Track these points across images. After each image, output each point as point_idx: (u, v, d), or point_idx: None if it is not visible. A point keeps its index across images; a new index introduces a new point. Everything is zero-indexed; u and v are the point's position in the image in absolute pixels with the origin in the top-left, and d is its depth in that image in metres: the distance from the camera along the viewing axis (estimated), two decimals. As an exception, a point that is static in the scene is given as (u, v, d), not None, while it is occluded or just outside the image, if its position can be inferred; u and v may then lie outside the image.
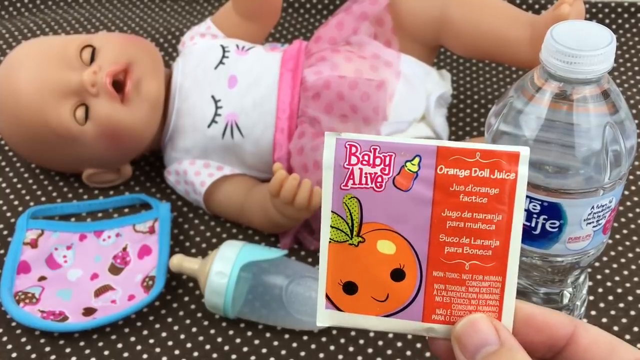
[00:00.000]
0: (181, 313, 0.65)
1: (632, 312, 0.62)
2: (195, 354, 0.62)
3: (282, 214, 0.66)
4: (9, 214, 0.75)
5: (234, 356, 0.61)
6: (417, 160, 0.31)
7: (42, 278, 0.68)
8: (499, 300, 0.31)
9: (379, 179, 0.32)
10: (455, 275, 0.31)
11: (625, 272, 0.66)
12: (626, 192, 0.74)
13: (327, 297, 0.33)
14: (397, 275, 0.32)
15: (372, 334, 0.62)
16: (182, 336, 0.63)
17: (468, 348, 0.29)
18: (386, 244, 0.32)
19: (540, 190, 0.48)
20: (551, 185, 0.48)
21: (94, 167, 0.76)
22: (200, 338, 0.63)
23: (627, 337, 0.60)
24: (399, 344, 0.61)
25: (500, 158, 0.31)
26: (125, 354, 0.62)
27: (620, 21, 0.96)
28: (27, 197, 0.77)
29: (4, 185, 0.79)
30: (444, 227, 0.31)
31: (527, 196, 0.49)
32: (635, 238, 0.69)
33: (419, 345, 0.61)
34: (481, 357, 0.28)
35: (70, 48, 0.72)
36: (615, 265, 0.67)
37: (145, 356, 0.62)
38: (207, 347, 0.62)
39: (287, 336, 0.62)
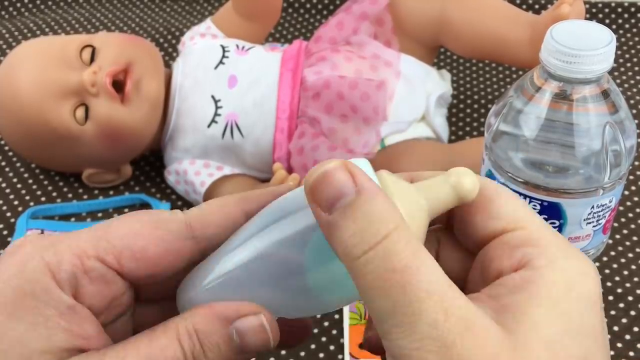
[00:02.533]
0: (181, 313, 0.65)
1: (632, 312, 0.62)
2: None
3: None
4: (9, 214, 0.75)
5: (233, 356, 0.61)
6: None
7: (42, 278, 0.68)
8: None
9: None
10: None
11: (625, 272, 0.66)
12: (626, 192, 0.74)
13: (351, 354, 0.58)
14: None
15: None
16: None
17: (322, 202, 0.25)
18: None
19: (540, 190, 0.48)
20: (551, 185, 0.48)
21: (94, 167, 0.76)
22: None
23: (627, 337, 0.60)
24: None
25: None
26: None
27: (620, 21, 0.96)
28: (27, 197, 0.77)
29: (4, 185, 0.79)
30: None
31: (527, 196, 0.49)
32: (635, 238, 0.69)
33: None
34: (338, 211, 0.25)
35: (70, 48, 0.72)
36: (615, 265, 0.67)
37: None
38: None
39: (287, 336, 0.62)
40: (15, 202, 0.77)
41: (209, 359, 0.27)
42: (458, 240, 0.31)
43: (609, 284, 0.65)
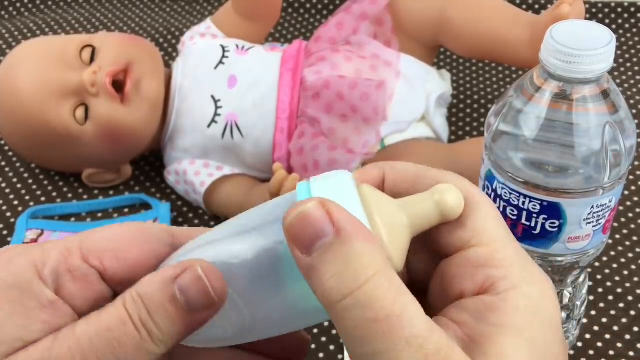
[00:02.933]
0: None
1: (632, 312, 0.62)
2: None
3: (282, 214, 0.66)
4: (8, 214, 0.75)
5: (233, 356, 0.61)
6: None
7: (42, 278, 0.68)
8: None
9: None
10: None
11: (625, 272, 0.66)
12: (626, 192, 0.74)
13: None
14: None
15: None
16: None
17: (300, 244, 0.25)
18: None
19: (540, 190, 0.48)
20: (551, 185, 0.48)
21: (93, 167, 0.76)
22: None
23: (627, 337, 0.60)
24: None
25: None
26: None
27: (620, 21, 0.96)
28: (27, 197, 0.77)
29: (4, 185, 0.79)
30: None
31: (527, 196, 0.49)
32: (635, 238, 0.69)
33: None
34: (316, 253, 0.25)
35: (70, 48, 0.72)
36: (615, 265, 0.67)
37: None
38: (207, 347, 0.62)
39: (286, 336, 0.62)
40: (15, 202, 0.77)
41: (157, 322, 0.27)
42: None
43: (609, 284, 0.65)
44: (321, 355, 0.61)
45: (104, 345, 0.26)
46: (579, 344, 0.60)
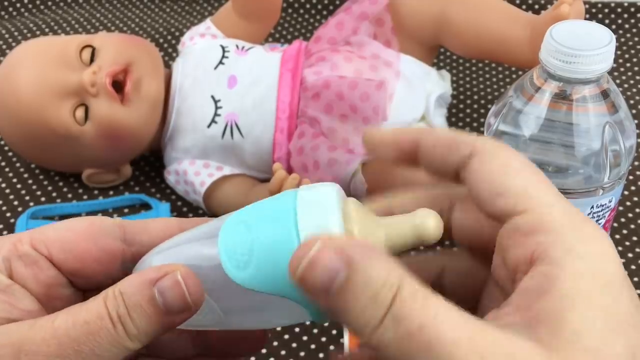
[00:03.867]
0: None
1: (632, 312, 0.62)
2: (195, 354, 0.62)
3: (281, 214, 0.66)
4: (8, 214, 0.75)
5: (233, 356, 0.61)
6: None
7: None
8: None
9: None
10: None
11: (625, 272, 0.66)
12: (626, 192, 0.74)
13: None
14: None
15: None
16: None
17: (318, 292, 0.24)
18: None
19: (539, 190, 0.48)
20: (551, 185, 0.48)
21: (93, 167, 0.76)
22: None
23: (627, 337, 0.60)
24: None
25: None
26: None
27: (620, 21, 0.96)
28: (27, 197, 0.77)
29: (3, 185, 0.79)
30: None
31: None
32: (635, 238, 0.69)
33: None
34: (336, 295, 0.24)
35: (70, 48, 0.72)
36: (615, 265, 0.66)
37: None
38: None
39: (287, 336, 0.62)
40: (15, 202, 0.77)
41: (134, 319, 0.28)
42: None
43: (608, 284, 0.65)
44: (321, 355, 0.61)
45: (81, 337, 0.28)
46: (579, 344, 0.60)
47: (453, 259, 0.32)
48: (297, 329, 0.63)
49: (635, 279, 0.65)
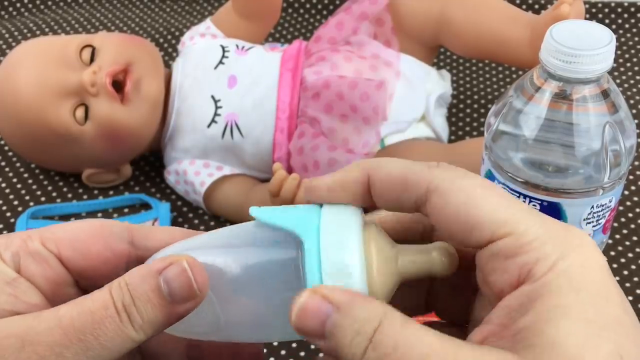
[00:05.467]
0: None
1: (632, 312, 0.62)
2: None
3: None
4: (8, 214, 0.75)
5: (233, 356, 0.61)
6: None
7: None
8: None
9: None
10: None
11: (625, 272, 0.66)
12: (626, 192, 0.74)
13: None
14: None
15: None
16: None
17: (313, 335, 0.27)
18: None
19: (539, 189, 0.48)
20: (551, 185, 0.48)
21: (93, 167, 0.76)
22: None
23: (627, 337, 0.60)
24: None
25: None
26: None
27: (620, 21, 0.96)
28: (27, 197, 0.77)
29: (3, 185, 0.79)
30: None
31: (527, 196, 0.49)
32: (635, 238, 0.69)
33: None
34: (330, 336, 0.26)
35: (70, 48, 0.72)
36: (615, 265, 0.66)
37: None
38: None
39: (286, 336, 0.62)
40: (15, 202, 0.77)
41: (139, 309, 0.28)
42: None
43: (608, 284, 0.65)
44: (321, 355, 0.61)
45: (85, 326, 0.28)
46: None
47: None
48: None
49: (635, 279, 0.65)
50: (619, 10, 0.96)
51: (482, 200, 0.27)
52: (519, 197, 0.49)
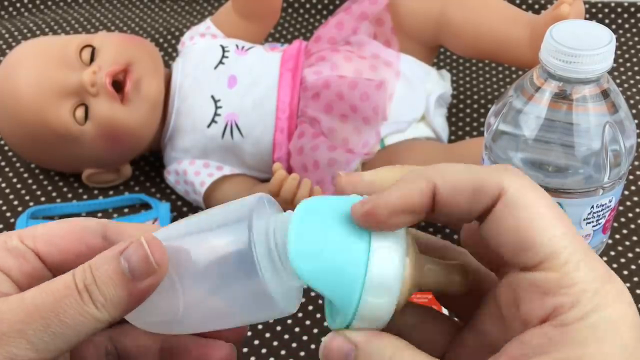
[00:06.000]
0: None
1: (632, 312, 0.62)
2: (195, 353, 0.62)
3: (281, 214, 0.66)
4: (8, 214, 0.75)
5: (233, 356, 0.61)
6: None
7: (41, 278, 0.68)
8: None
9: None
10: None
11: (625, 272, 0.66)
12: (626, 192, 0.74)
13: None
14: None
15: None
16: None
17: None
18: None
19: (539, 189, 0.48)
20: (551, 185, 0.48)
21: (93, 167, 0.76)
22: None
23: (627, 337, 0.60)
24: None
25: None
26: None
27: (620, 21, 0.96)
28: (27, 197, 0.77)
29: (3, 185, 0.79)
30: None
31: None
32: (635, 238, 0.69)
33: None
34: None
35: (69, 48, 0.72)
36: (615, 265, 0.66)
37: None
38: (207, 347, 0.62)
39: (286, 336, 0.62)
40: (15, 202, 0.77)
41: (100, 287, 0.29)
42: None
43: (608, 284, 0.65)
44: (321, 355, 0.61)
45: (46, 304, 0.29)
46: (579, 344, 0.60)
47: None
48: (297, 329, 0.63)
49: (635, 279, 0.65)
50: (619, 10, 0.96)
51: (543, 222, 0.27)
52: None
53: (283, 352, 0.61)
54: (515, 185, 0.27)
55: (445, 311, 0.44)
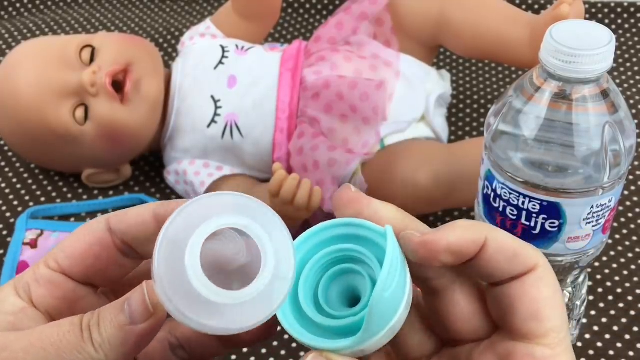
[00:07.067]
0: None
1: (632, 312, 0.62)
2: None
3: (281, 214, 0.65)
4: (8, 214, 0.75)
5: (233, 357, 0.61)
6: None
7: (41, 278, 0.68)
8: None
9: None
10: None
11: (625, 272, 0.66)
12: (626, 192, 0.74)
13: None
14: None
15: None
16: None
17: None
18: None
19: (539, 189, 0.48)
20: (550, 185, 0.48)
21: (93, 167, 0.76)
22: (200, 338, 0.63)
23: (627, 337, 0.60)
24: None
25: None
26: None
27: (620, 21, 0.96)
28: (27, 198, 0.77)
29: (3, 185, 0.79)
30: None
31: (526, 196, 0.49)
32: (635, 238, 0.69)
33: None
34: None
35: (69, 48, 0.72)
36: (615, 265, 0.66)
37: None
38: (207, 347, 0.62)
39: (286, 336, 0.62)
40: (15, 202, 0.77)
41: (101, 327, 0.30)
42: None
43: (608, 284, 0.65)
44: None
45: (50, 337, 0.30)
46: (579, 344, 0.60)
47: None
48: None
49: (635, 279, 0.65)
50: (619, 10, 0.96)
51: (557, 304, 0.30)
52: (518, 197, 0.49)
53: (283, 352, 0.61)
54: (546, 266, 0.30)
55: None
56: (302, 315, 0.30)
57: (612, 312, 0.62)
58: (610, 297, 0.64)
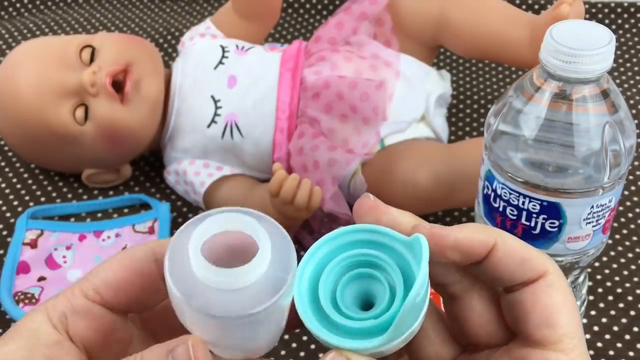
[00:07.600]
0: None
1: (632, 312, 0.62)
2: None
3: (281, 214, 0.66)
4: (8, 214, 0.75)
5: (233, 356, 0.61)
6: None
7: (41, 278, 0.68)
8: None
9: None
10: None
11: (625, 272, 0.66)
12: (626, 192, 0.74)
13: None
14: None
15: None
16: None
17: None
18: None
19: (539, 189, 0.48)
20: (550, 185, 0.48)
21: (93, 167, 0.76)
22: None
23: (627, 337, 0.60)
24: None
25: None
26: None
27: (620, 21, 0.96)
28: (27, 198, 0.77)
29: (3, 185, 0.79)
30: None
31: (526, 196, 0.49)
32: (635, 238, 0.69)
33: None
34: None
35: (69, 48, 0.72)
36: (615, 265, 0.66)
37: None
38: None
39: (286, 336, 0.62)
40: (15, 203, 0.77)
41: None
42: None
43: (608, 284, 0.65)
44: (320, 355, 0.61)
45: None
46: (579, 344, 0.60)
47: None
48: (297, 330, 0.63)
49: (635, 279, 0.65)
50: (619, 10, 0.96)
51: (569, 311, 0.30)
52: (518, 197, 0.49)
53: (283, 353, 0.61)
54: (557, 272, 0.31)
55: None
56: (322, 315, 0.31)
57: (612, 312, 0.62)
58: (610, 297, 0.64)
